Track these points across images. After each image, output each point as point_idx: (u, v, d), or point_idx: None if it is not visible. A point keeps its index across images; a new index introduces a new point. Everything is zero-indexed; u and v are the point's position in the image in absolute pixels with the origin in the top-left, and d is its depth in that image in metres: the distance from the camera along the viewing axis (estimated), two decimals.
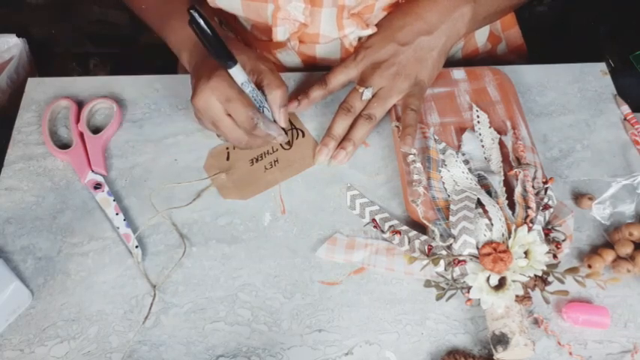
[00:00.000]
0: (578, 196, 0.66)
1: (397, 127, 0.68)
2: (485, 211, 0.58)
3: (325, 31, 0.72)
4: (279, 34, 0.72)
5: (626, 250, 0.60)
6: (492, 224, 0.57)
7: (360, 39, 0.75)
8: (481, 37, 0.87)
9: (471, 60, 0.88)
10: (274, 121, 0.66)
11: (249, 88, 0.61)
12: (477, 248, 0.56)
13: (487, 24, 0.79)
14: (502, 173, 0.63)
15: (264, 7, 0.69)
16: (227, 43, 0.65)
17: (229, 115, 0.62)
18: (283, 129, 0.67)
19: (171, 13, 0.69)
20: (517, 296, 0.54)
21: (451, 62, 0.86)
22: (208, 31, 0.56)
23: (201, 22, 0.55)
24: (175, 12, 0.69)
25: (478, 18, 0.71)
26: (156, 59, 0.76)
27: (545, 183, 0.62)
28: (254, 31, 0.79)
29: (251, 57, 0.64)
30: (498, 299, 0.54)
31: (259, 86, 0.64)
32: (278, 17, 0.70)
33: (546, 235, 0.58)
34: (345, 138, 0.68)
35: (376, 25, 0.72)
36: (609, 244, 0.62)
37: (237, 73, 0.60)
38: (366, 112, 0.68)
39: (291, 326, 0.58)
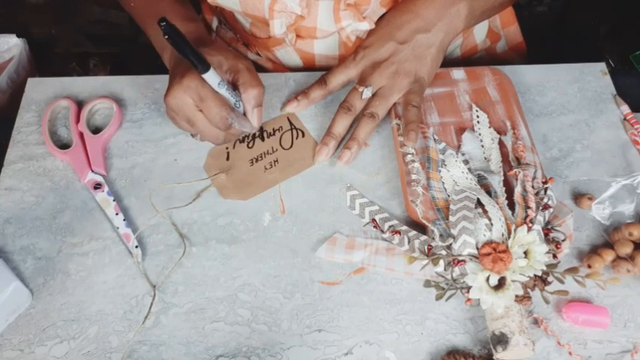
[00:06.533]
0: (577, 196, 0.66)
1: (398, 124, 0.68)
2: (485, 211, 0.58)
3: (322, 25, 0.73)
4: (276, 28, 0.72)
5: (626, 250, 0.60)
6: (492, 224, 0.57)
7: (357, 36, 0.75)
8: (480, 34, 0.87)
9: (470, 57, 0.88)
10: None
11: (223, 89, 0.61)
12: (477, 248, 0.56)
13: (485, 19, 0.79)
14: (502, 173, 0.63)
15: (260, 0, 0.69)
16: (207, 43, 0.65)
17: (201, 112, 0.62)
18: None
19: (157, 12, 0.70)
20: (517, 296, 0.55)
21: (450, 59, 0.86)
22: (180, 40, 0.56)
23: (173, 32, 0.55)
24: (160, 12, 0.69)
25: (475, 13, 0.72)
26: (156, 59, 0.76)
27: (544, 183, 0.62)
28: (252, 29, 0.79)
29: (229, 56, 0.64)
30: (498, 299, 0.54)
31: (235, 84, 0.64)
32: (275, 9, 0.70)
33: (546, 235, 0.58)
34: (350, 138, 0.68)
35: (374, 24, 0.72)
36: (609, 244, 0.62)
37: (210, 77, 0.60)
38: (369, 110, 0.68)
39: (290, 326, 0.58)
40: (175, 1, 0.72)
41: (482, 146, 0.67)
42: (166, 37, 0.55)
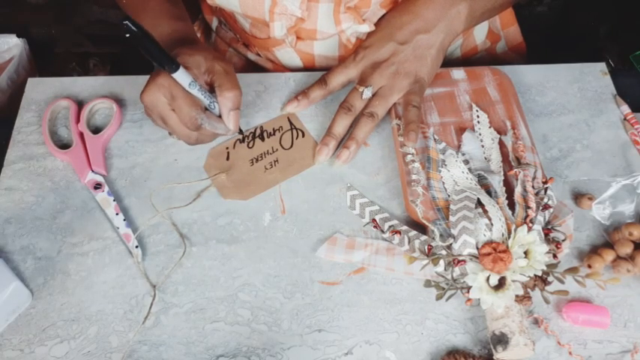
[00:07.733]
0: (578, 196, 0.66)
1: (398, 125, 0.68)
2: (485, 211, 0.58)
3: (322, 27, 0.73)
4: (277, 30, 0.72)
5: (626, 250, 0.60)
6: (492, 224, 0.57)
7: (358, 37, 0.75)
8: (480, 35, 0.87)
9: (470, 58, 0.88)
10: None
11: (195, 89, 0.61)
12: (477, 248, 0.56)
13: (485, 20, 0.79)
14: (502, 173, 0.63)
15: (260, 3, 0.70)
16: (191, 43, 0.65)
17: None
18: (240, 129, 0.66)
19: (145, 10, 0.70)
20: (517, 296, 0.55)
21: (450, 60, 0.86)
22: (145, 40, 0.56)
23: (135, 32, 0.54)
24: (148, 9, 0.69)
25: (475, 14, 0.72)
26: None
27: (545, 183, 0.62)
28: (253, 30, 0.79)
29: (208, 57, 0.64)
30: (498, 299, 0.54)
31: (213, 87, 0.64)
32: (275, 12, 0.70)
33: (546, 235, 0.58)
34: (349, 137, 0.68)
35: (375, 24, 0.72)
36: (609, 244, 0.62)
37: (180, 76, 0.59)
38: (368, 110, 0.68)
39: (291, 326, 0.58)
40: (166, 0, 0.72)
41: (483, 146, 0.67)
42: (127, 35, 0.54)
